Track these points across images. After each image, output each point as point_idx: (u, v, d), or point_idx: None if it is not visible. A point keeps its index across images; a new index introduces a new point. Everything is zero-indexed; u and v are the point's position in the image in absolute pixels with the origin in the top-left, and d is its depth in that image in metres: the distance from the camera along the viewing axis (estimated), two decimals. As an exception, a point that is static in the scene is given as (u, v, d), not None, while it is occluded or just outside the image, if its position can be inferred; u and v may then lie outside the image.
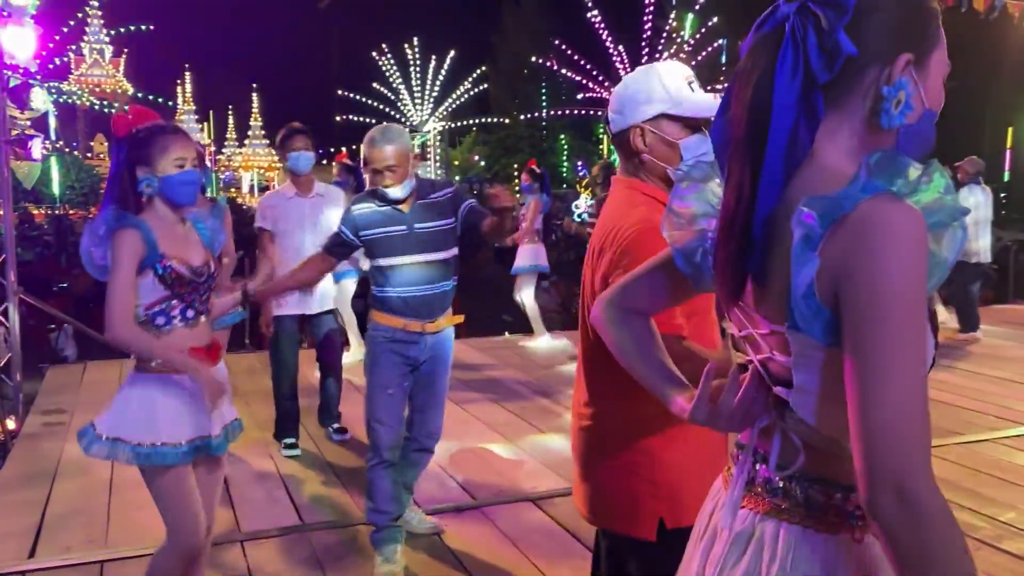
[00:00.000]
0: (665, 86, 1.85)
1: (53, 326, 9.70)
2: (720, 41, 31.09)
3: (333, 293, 5.01)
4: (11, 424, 5.76)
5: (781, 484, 1.14)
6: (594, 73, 34.36)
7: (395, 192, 3.18)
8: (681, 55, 32.00)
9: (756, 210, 1.07)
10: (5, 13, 5.73)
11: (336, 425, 5.03)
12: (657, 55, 33.09)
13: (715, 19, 30.14)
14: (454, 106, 42.95)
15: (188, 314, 2.45)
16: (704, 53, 30.89)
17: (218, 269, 2.58)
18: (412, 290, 3.24)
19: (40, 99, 6.06)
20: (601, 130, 40.24)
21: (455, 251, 3.38)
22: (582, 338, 1.94)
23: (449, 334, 3.49)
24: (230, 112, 51.80)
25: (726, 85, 1.21)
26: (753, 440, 1.20)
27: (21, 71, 6.03)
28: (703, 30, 31.28)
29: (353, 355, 6.69)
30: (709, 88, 2.02)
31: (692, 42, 31.78)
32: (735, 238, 1.10)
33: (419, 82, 43.29)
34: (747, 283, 1.12)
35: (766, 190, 1.07)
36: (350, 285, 6.83)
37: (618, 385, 1.75)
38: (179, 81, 47.98)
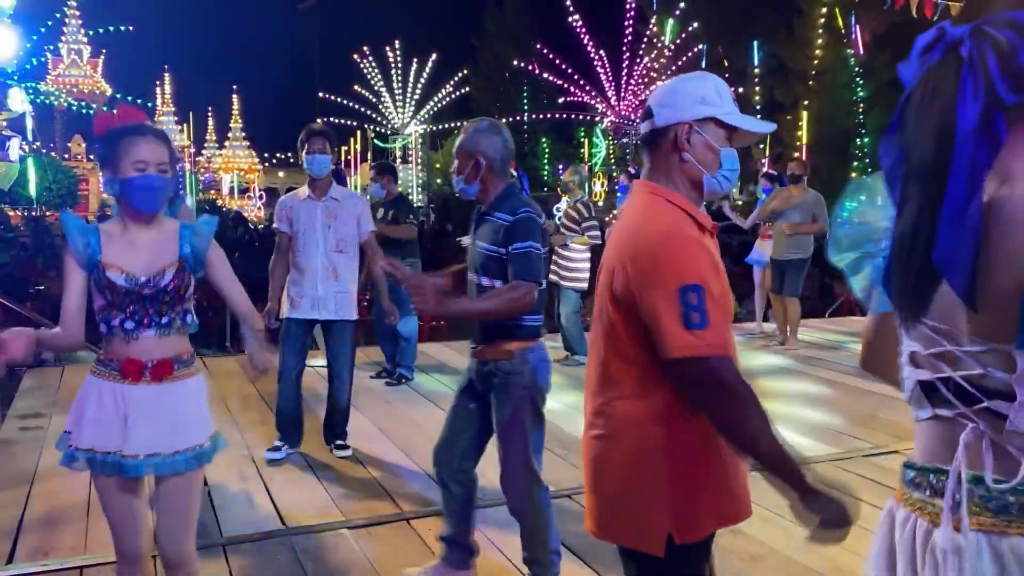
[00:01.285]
0: (719, 92, 1.85)
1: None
2: (700, 47, 31.27)
3: (352, 301, 4.73)
4: (-13, 428, 5.69)
5: (1011, 499, 1.12)
6: (575, 77, 34.49)
7: (456, 184, 3.05)
8: (661, 59, 32.20)
9: (939, 234, 1.09)
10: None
11: (339, 442, 4.79)
12: (638, 59, 33.28)
13: (695, 24, 30.34)
14: (436, 109, 42.94)
15: (127, 325, 2.33)
16: (684, 58, 31.07)
17: (182, 280, 2.38)
18: None
19: (18, 100, 6.00)
20: (582, 134, 40.34)
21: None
22: (596, 348, 1.88)
23: (505, 368, 2.99)
24: (210, 114, 51.41)
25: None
26: (960, 461, 1.17)
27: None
28: (683, 35, 31.46)
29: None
30: None
31: (672, 47, 31.95)
32: (917, 261, 1.12)
33: (400, 85, 43.24)
34: (930, 304, 1.15)
35: (950, 214, 1.08)
36: None
37: (630, 399, 1.77)
38: (158, 82, 47.54)
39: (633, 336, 1.73)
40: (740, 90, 27.41)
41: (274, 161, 49.09)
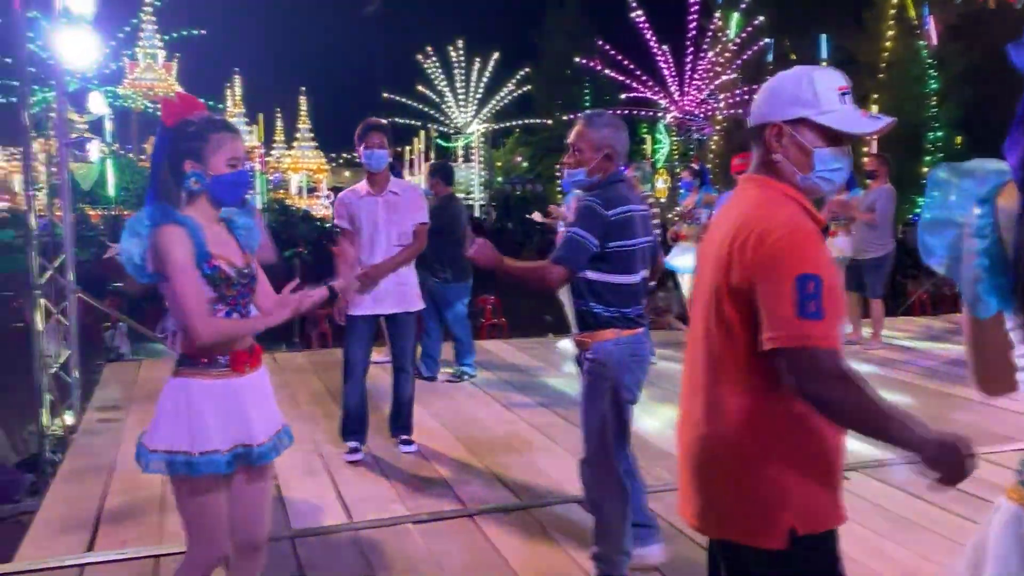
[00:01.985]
0: (815, 91, 1.79)
1: (108, 324, 9.95)
2: (766, 40, 30.67)
3: (414, 292, 4.77)
4: (70, 419, 5.93)
5: None
6: (637, 73, 34.21)
7: (568, 175, 3.09)
8: (726, 54, 31.69)
9: None
10: (65, 20, 5.90)
11: (404, 436, 4.83)
12: (702, 54, 32.84)
13: (761, 18, 29.75)
14: (497, 108, 43.08)
15: (232, 317, 2.34)
16: (749, 52, 30.52)
17: (257, 270, 2.48)
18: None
19: (98, 103, 6.22)
20: (644, 130, 39.98)
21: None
22: (698, 339, 1.85)
23: (588, 355, 3.13)
24: (278, 115, 52.46)
25: None
26: None
27: (79, 76, 6.19)
28: (748, 29, 30.90)
29: None
30: (757, 88, 1.98)
31: (738, 41, 31.43)
32: None
33: (463, 84, 43.48)
34: None
35: None
36: None
37: (748, 393, 1.73)
38: (229, 84, 48.69)
39: (750, 329, 1.70)
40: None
41: (340, 161, 49.86)
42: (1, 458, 6.07)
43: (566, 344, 7.81)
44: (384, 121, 4.69)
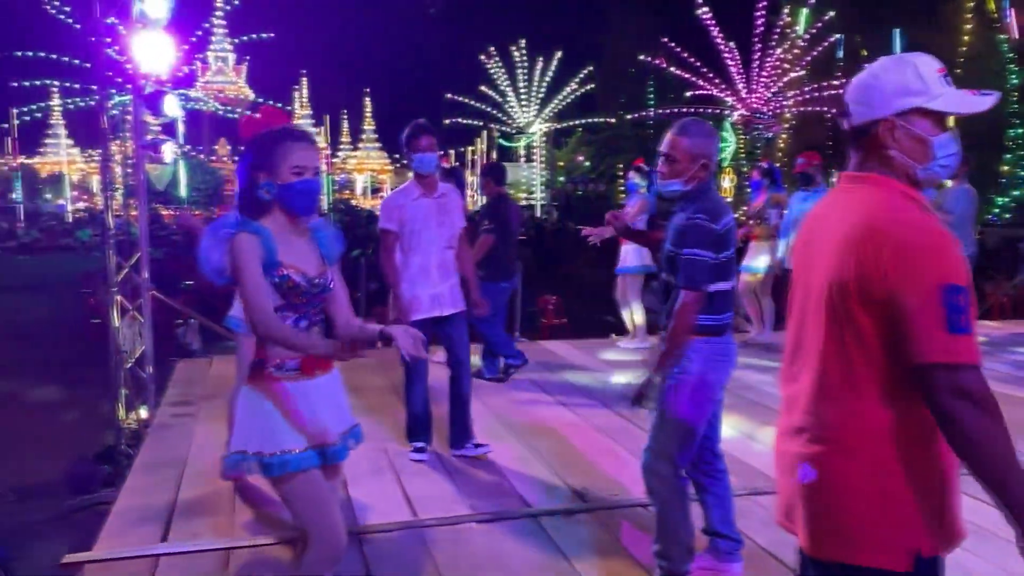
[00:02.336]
0: (922, 77, 1.69)
1: (180, 321, 10.23)
2: (836, 36, 29.96)
3: (462, 292, 4.74)
4: (144, 413, 6.11)
5: None
6: (703, 70, 33.78)
7: (662, 185, 3.05)
8: (794, 50, 31.07)
9: None
10: (141, 26, 6.07)
11: (471, 443, 4.74)
12: (769, 51, 32.25)
13: (830, 14, 29.07)
14: (559, 107, 43.02)
15: (301, 324, 2.39)
16: (819, 49, 29.87)
17: (333, 280, 2.49)
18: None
19: (172, 105, 6.38)
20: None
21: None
22: (811, 348, 1.73)
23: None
24: (344, 116, 53.33)
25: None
26: None
27: (154, 79, 6.36)
28: (818, 24, 30.23)
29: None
30: (826, 85, 1.90)
31: (806, 37, 30.78)
32: None
33: (525, 83, 43.54)
34: None
35: None
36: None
37: (874, 407, 1.63)
38: (296, 87, 49.67)
39: (885, 339, 1.60)
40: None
41: (404, 162, 50.48)
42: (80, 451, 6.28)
43: (627, 344, 7.75)
44: (429, 123, 4.65)
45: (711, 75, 33.71)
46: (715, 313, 3.02)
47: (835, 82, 28.56)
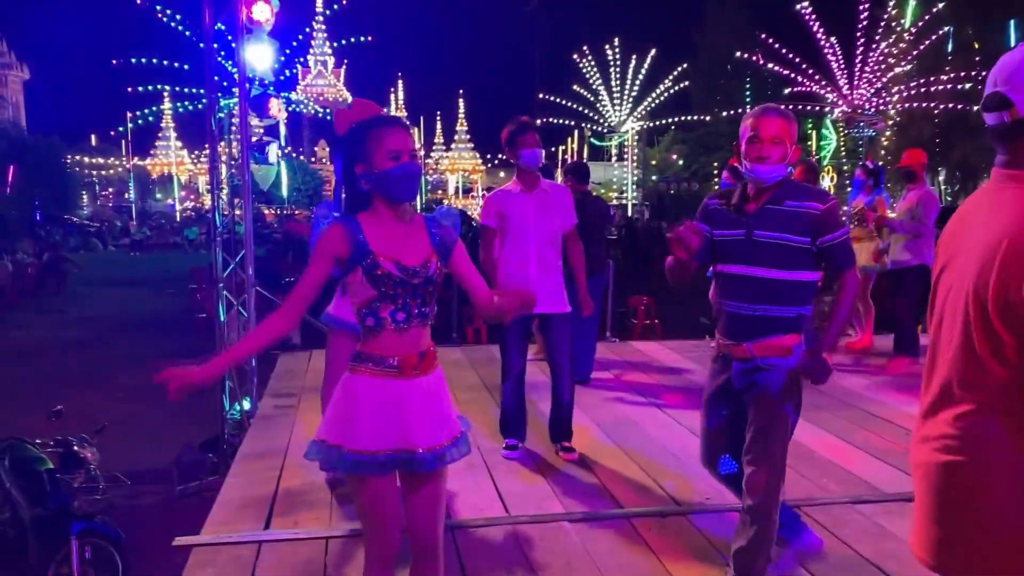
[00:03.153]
0: None
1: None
2: (945, 28, 28.70)
3: (564, 294, 4.66)
4: (247, 405, 6.34)
5: None
6: (803, 66, 32.84)
7: (763, 171, 2.82)
8: (901, 44, 29.90)
9: None
10: (247, 32, 6.30)
11: (565, 444, 4.72)
12: (874, 45, 31.12)
13: (939, 5, 27.84)
14: (653, 105, 42.58)
15: (398, 316, 2.29)
16: (927, 42, 28.65)
17: (440, 270, 2.39)
18: (735, 306, 2.92)
19: (276, 108, 6.59)
20: (810, 125, 38.35)
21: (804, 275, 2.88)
22: (952, 357, 1.62)
23: (765, 364, 2.91)
24: (438, 117, 54.13)
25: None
26: None
27: (259, 82, 6.59)
28: (925, 17, 29.01)
29: None
30: (933, 79, 1.75)
31: (913, 30, 29.58)
32: None
33: (618, 82, 43.26)
34: None
35: None
36: None
37: (1013, 416, 1.52)
38: (392, 89, 50.70)
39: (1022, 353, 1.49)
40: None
41: (496, 162, 50.86)
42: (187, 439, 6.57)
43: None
44: (532, 121, 4.64)
45: (811, 71, 32.72)
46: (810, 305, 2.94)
47: (944, 77, 27.35)
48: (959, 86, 26.67)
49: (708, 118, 39.97)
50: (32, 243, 24.24)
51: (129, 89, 34.52)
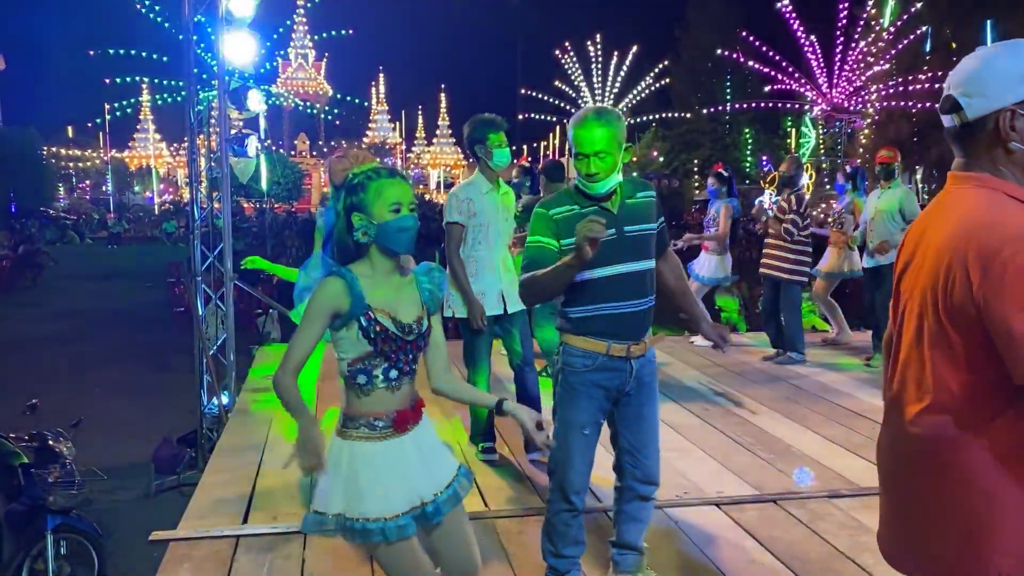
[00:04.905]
0: None
1: (260, 311, 10.51)
2: (923, 28, 28.93)
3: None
4: (225, 399, 6.30)
5: None
6: (783, 64, 33.04)
7: (600, 186, 2.75)
8: (880, 43, 30.13)
9: None
10: (227, 23, 6.25)
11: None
12: (853, 44, 31.35)
13: (918, 5, 28.06)
14: (634, 102, 42.73)
15: (391, 374, 2.24)
16: (905, 42, 28.89)
17: (431, 327, 2.34)
18: (622, 305, 2.83)
19: (256, 101, 6.55)
20: (789, 124, 38.63)
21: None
22: (908, 357, 1.64)
23: (652, 357, 3.02)
24: (420, 112, 54.00)
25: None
26: None
27: (238, 75, 6.54)
28: (904, 16, 29.23)
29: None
30: (911, 79, 1.77)
31: (892, 30, 29.80)
32: None
33: (600, 78, 43.35)
34: None
35: None
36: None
37: (965, 415, 1.53)
38: (373, 82, 50.49)
39: (974, 349, 1.50)
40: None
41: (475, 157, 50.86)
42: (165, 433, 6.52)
43: (702, 342, 7.66)
44: (501, 118, 4.55)
45: (791, 69, 32.93)
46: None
47: (922, 76, 27.60)
48: (936, 85, 26.95)
49: (689, 115, 40.14)
50: (8, 236, 23.96)
51: (107, 80, 34.20)
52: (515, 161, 8.17)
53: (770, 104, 34.94)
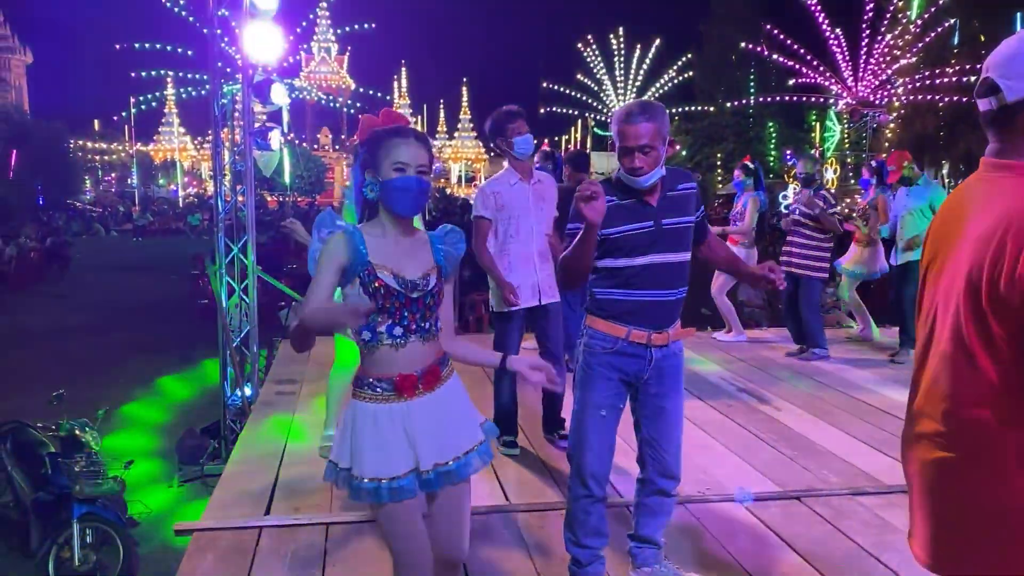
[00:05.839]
0: None
1: (283, 303, 10.56)
2: (951, 21, 28.55)
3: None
4: (249, 391, 6.34)
5: None
6: (808, 57, 32.73)
7: (644, 180, 2.76)
8: (906, 36, 29.78)
9: None
10: (251, 17, 6.27)
11: (562, 431, 4.66)
12: (879, 37, 31.00)
13: (945, -3, 27.68)
14: (657, 95, 42.52)
15: (395, 331, 2.23)
16: (932, 34, 28.53)
17: (440, 286, 2.32)
18: (650, 294, 2.84)
19: (279, 94, 6.57)
20: (813, 117, 38.26)
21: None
22: (943, 352, 1.59)
23: (678, 351, 3.01)
24: (441, 106, 54.04)
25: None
26: None
27: (262, 69, 6.57)
28: (931, 9, 28.86)
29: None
30: (938, 72, 1.72)
31: (919, 22, 29.44)
32: None
33: (623, 71, 43.17)
34: None
35: None
36: None
37: (1005, 410, 1.48)
38: (396, 76, 50.57)
39: (1017, 346, 1.46)
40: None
41: (498, 151, 50.81)
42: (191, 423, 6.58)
43: (727, 339, 7.61)
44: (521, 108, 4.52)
45: (815, 62, 32.60)
46: None
47: (949, 70, 27.25)
48: (964, 79, 26.58)
49: (712, 109, 39.87)
50: (35, 228, 24.25)
51: (132, 74, 34.51)
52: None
53: (794, 98, 34.64)
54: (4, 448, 5.03)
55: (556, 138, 47.09)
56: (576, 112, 43.67)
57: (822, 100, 34.68)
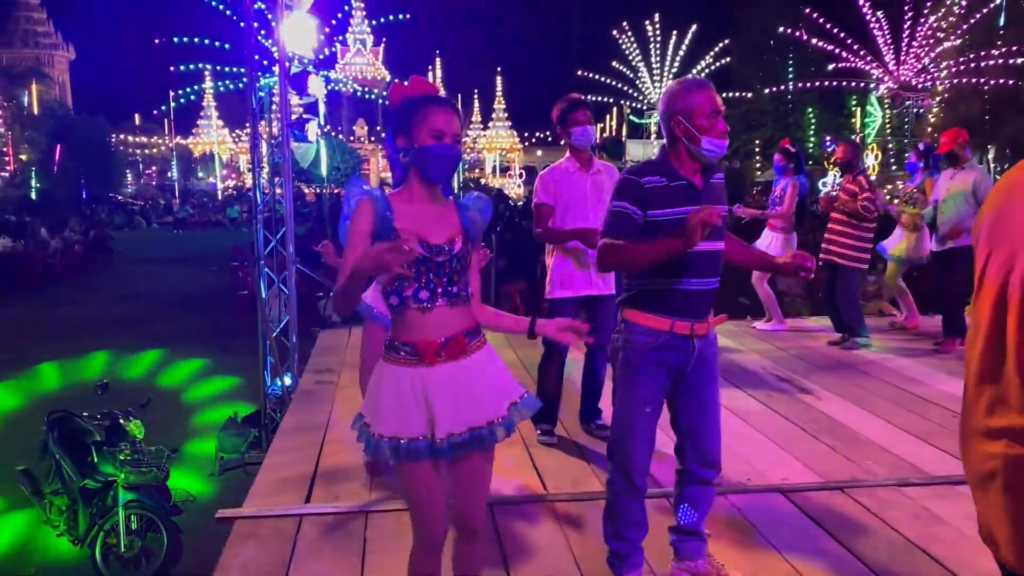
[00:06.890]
0: None
1: (321, 294, 10.66)
2: (997, 2, 27.79)
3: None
4: (288, 380, 6.41)
5: None
6: (848, 41, 32.10)
7: (725, 146, 2.80)
8: (951, 18, 29.07)
9: None
10: (287, 10, 6.31)
11: (599, 421, 4.68)
12: (922, 19, 30.32)
13: (992, -24, 26.95)
14: (694, 82, 42.05)
15: (421, 295, 2.25)
16: (978, 15, 27.80)
17: (466, 250, 2.33)
18: (692, 282, 2.78)
19: (316, 86, 6.61)
20: (854, 103, 37.57)
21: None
22: (996, 343, 1.48)
23: (714, 339, 2.98)
24: (476, 96, 54.01)
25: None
26: None
27: (298, 61, 6.61)
28: (978, -11, 28.11)
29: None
30: (984, 54, 1.60)
31: (964, 3, 28.70)
32: None
33: (659, 59, 42.77)
34: None
35: None
36: None
37: None
38: (431, 67, 50.66)
39: None
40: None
41: (532, 140, 50.65)
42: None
43: (766, 329, 7.52)
44: (583, 98, 4.55)
45: (856, 46, 31.97)
46: None
47: (995, 52, 26.56)
48: (1011, 61, 25.93)
49: (750, 95, 39.30)
50: (79, 221, 24.73)
51: (171, 68, 34.91)
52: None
53: (834, 83, 34.00)
54: (52, 437, 5.15)
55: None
56: (612, 100, 43.34)
57: (863, 85, 34.02)
